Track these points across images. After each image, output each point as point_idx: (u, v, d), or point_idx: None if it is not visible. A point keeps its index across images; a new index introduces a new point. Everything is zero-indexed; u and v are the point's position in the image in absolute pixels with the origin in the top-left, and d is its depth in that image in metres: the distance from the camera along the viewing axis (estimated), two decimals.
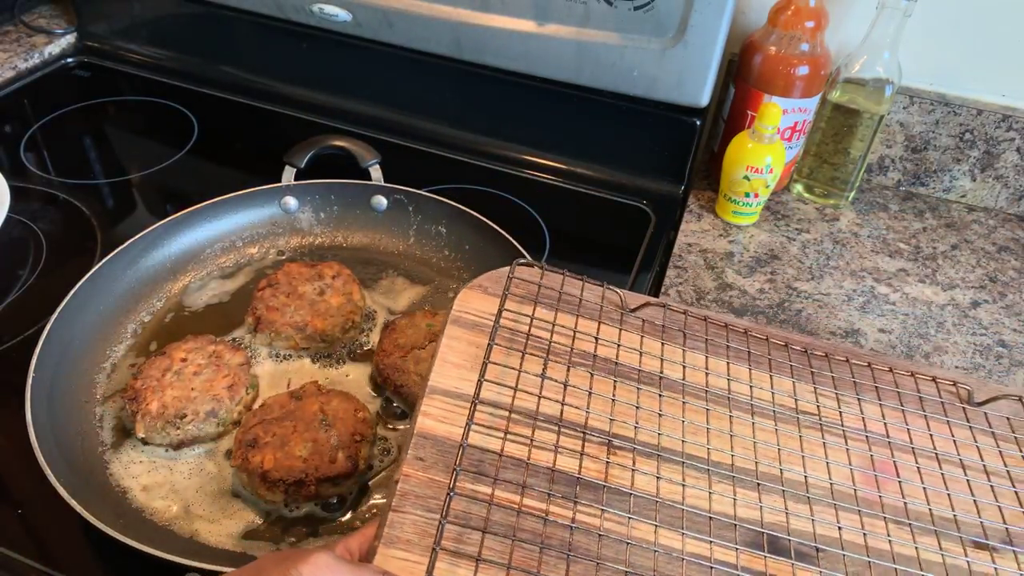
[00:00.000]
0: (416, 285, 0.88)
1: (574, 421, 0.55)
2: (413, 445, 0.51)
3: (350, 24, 1.08)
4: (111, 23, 1.26)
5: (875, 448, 0.59)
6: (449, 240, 0.90)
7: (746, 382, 0.62)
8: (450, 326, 0.59)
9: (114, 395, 0.73)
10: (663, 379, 0.61)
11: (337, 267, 0.84)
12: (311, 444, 0.65)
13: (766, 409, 0.60)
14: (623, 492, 0.51)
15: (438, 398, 0.54)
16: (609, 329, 0.64)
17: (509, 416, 0.53)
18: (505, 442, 0.52)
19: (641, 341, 0.63)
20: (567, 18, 0.96)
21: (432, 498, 0.48)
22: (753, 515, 0.53)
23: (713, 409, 0.59)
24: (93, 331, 0.76)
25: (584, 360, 0.60)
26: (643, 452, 0.55)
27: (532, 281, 0.65)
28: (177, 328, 0.80)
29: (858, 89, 0.94)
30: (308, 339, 0.78)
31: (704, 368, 0.62)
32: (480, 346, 0.58)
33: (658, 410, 0.58)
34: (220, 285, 0.86)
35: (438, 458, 0.50)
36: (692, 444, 0.56)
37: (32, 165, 1.04)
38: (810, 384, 0.63)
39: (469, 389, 0.54)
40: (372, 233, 0.93)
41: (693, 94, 0.96)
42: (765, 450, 0.57)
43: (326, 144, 0.92)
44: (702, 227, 0.98)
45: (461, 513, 0.48)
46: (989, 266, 0.96)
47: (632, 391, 0.59)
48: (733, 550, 0.50)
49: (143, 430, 0.68)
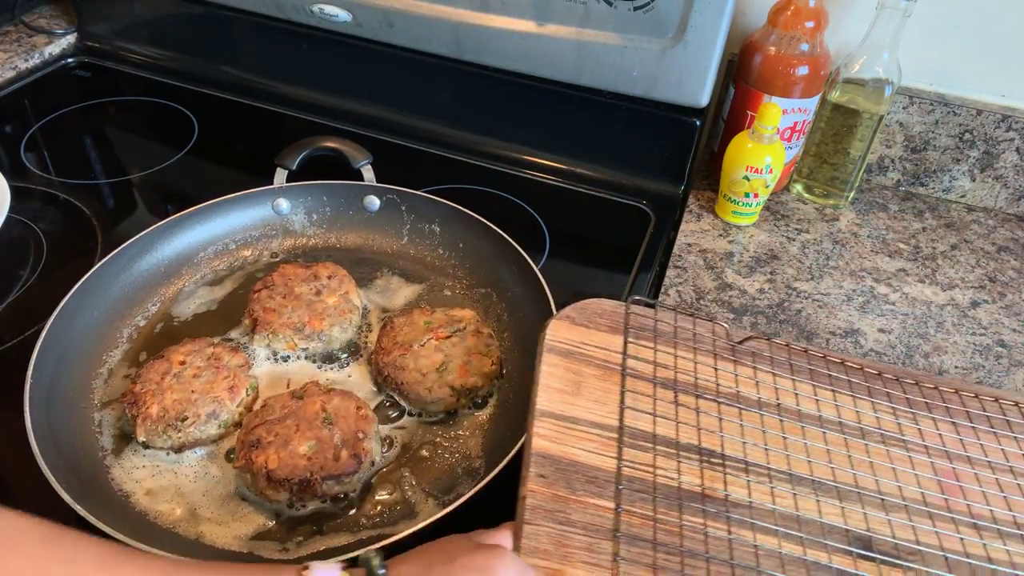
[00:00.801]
0: (411, 284, 0.88)
1: (695, 443, 0.61)
2: (534, 464, 0.56)
3: (350, 24, 1.08)
4: (111, 23, 1.26)
5: (955, 463, 0.64)
6: (443, 238, 0.90)
7: (851, 407, 0.67)
8: (546, 354, 0.64)
9: (112, 401, 0.73)
10: (780, 405, 0.66)
11: (332, 267, 0.84)
12: (314, 442, 0.65)
13: (854, 429, 0.65)
14: (742, 507, 0.57)
15: (547, 420, 0.59)
16: (724, 363, 0.69)
17: (655, 443, 0.60)
18: (656, 471, 0.58)
19: (755, 372, 0.69)
20: (567, 18, 0.96)
21: (559, 511, 0.53)
22: (859, 524, 0.58)
23: (814, 429, 0.64)
24: (88, 337, 0.76)
25: (702, 391, 0.66)
26: (755, 472, 0.59)
27: (619, 312, 0.70)
28: (167, 338, 0.80)
29: (858, 89, 0.94)
30: (306, 339, 0.78)
31: (814, 396, 0.67)
32: (577, 372, 0.63)
33: (761, 428, 0.63)
34: (208, 292, 0.85)
35: (558, 475, 0.55)
36: (819, 465, 0.61)
37: (32, 165, 1.04)
38: (907, 409, 0.68)
39: (573, 411, 0.60)
40: (365, 233, 0.93)
41: (693, 94, 0.96)
42: (870, 467, 0.62)
43: (317, 145, 0.92)
44: (702, 227, 0.99)
45: (605, 527, 0.53)
46: (988, 266, 0.96)
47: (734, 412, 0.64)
48: (851, 557, 0.55)
49: (144, 434, 0.68)
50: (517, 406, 0.72)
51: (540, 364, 0.63)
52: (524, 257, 0.81)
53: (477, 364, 0.74)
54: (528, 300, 0.79)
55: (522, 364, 0.77)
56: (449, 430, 0.72)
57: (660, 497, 0.56)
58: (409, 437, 0.72)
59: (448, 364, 0.74)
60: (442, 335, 0.76)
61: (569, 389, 0.62)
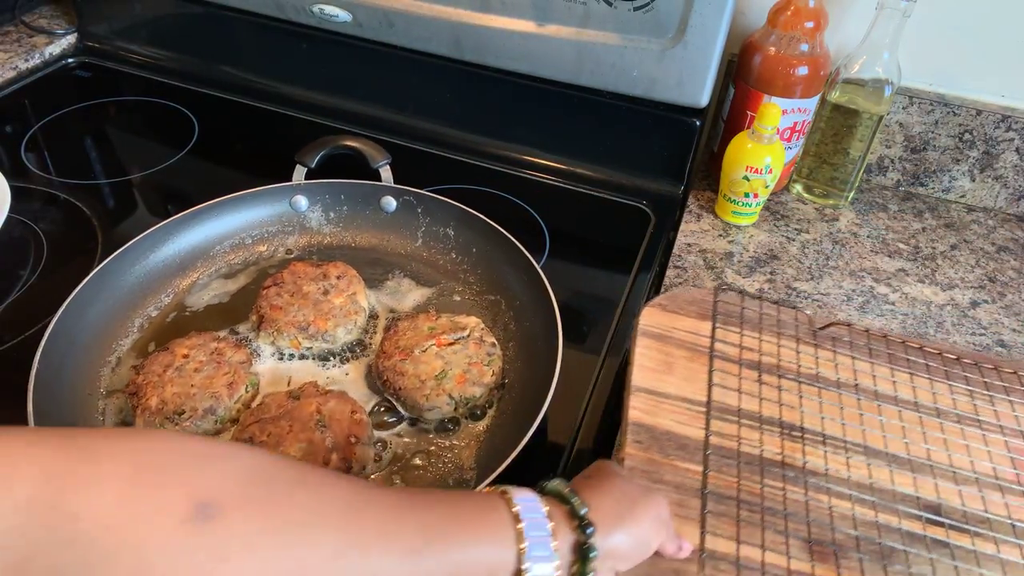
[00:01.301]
0: (422, 287, 0.88)
1: (776, 417, 0.67)
2: (630, 432, 0.64)
3: (350, 24, 1.08)
4: (112, 23, 1.26)
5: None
6: (457, 243, 0.90)
7: (928, 389, 0.72)
8: (640, 338, 0.72)
9: (117, 390, 0.73)
10: (857, 386, 0.71)
11: (342, 267, 0.84)
12: (306, 445, 0.65)
13: (930, 409, 0.70)
14: (815, 475, 0.63)
15: (641, 395, 0.67)
16: (805, 346, 0.75)
17: (739, 416, 0.67)
18: (740, 440, 0.65)
19: (834, 355, 0.74)
20: (567, 19, 0.96)
21: (653, 472, 0.61)
22: (930, 494, 0.63)
23: (890, 408, 0.70)
24: (100, 324, 0.77)
25: (784, 371, 0.72)
26: (835, 447, 0.65)
27: (707, 299, 0.78)
28: (177, 328, 0.80)
29: (857, 89, 0.94)
30: (310, 339, 0.78)
31: (891, 378, 0.72)
32: (667, 353, 0.71)
33: (839, 406, 0.69)
34: (222, 285, 0.86)
35: (652, 442, 0.63)
36: (893, 440, 0.67)
37: (33, 165, 1.04)
38: (984, 392, 0.72)
39: (664, 387, 0.68)
40: (380, 234, 0.93)
41: (693, 94, 0.96)
42: (943, 443, 0.67)
43: (337, 144, 0.92)
44: (702, 227, 0.99)
45: (693, 487, 0.61)
46: (988, 266, 0.96)
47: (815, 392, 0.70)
48: (919, 520, 0.61)
49: (142, 425, 0.68)
50: (516, 418, 0.71)
51: (635, 346, 0.71)
52: (534, 265, 0.80)
53: (477, 374, 0.73)
54: (534, 310, 0.79)
55: (525, 375, 0.76)
56: (444, 439, 0.71)
57: (743, 463, 0.63)
58: (404, 444, 0.71)
59: (447, 372, 0.73)
60: (444, 342, 0.75)
61: (661, 368, 0.70)
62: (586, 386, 0.77)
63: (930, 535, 0.59)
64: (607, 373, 0.79)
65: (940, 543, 0.59)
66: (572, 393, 0.76)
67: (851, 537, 0.59)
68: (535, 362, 0.75)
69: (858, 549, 0.58)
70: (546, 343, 0.74)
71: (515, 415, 0.72)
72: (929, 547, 0.59)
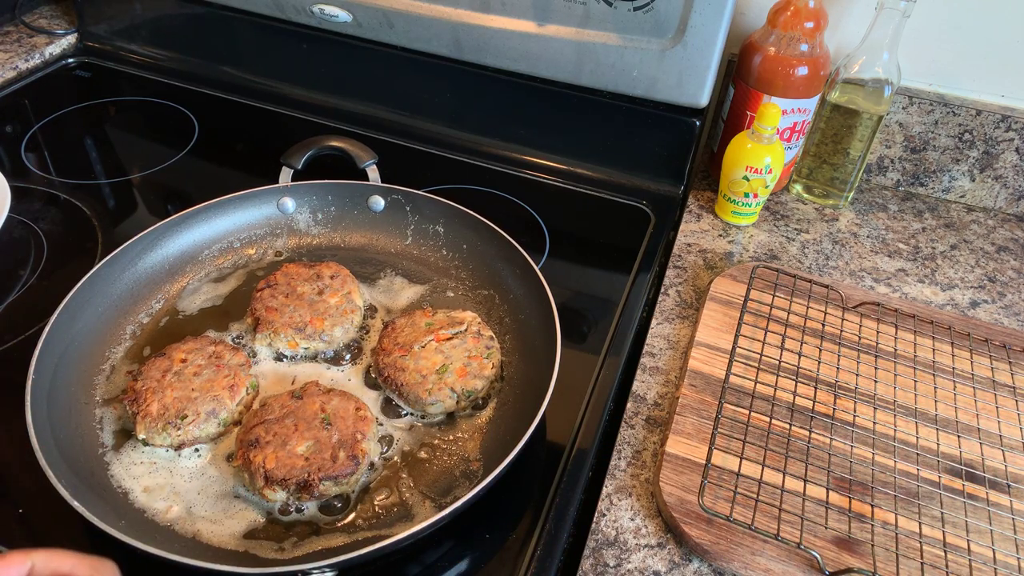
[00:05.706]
0: (415, 284, 0.88)
1: (809, 372, 0.78)
2: (688, 377, 0.76)
3: (350, 24, 1.08)
4: (112, 23, 1.26)
5: None
6: (447, 239, 0.90)
7: (948, 353, 0.81)
8: (709, 302, 0.84)
9: (114, 397, 0.73)
10: (879, 348, 0.81)
11: (335, 267, 0.84)
12: (313, 443, 0.66)
13: (964, 375, 0.79)
14: (847, 425, 0.73)
15: (702, 348, 0.79)
16: (849, 320, 0.84)
17: (759, 362, 0.78)
18: (756, 383, 0.76)
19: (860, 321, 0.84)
20: (567, 19, 0.96)
21: (703, 410, 0.73)
22: (954, 452, 0.72)
23: (920, 370, 0.79)
24: (92, 333, 0.76)
25: (828, 335, 0.82)
26: (863, 399, 0.75)
27: (768, 280, 0.88)
28: (171, 332, 0.80)
29: (857, 89, 0.94)
30: (307, 339, 0.78)
31: (912, 342, 0.82)
32: (731, 316, 0.83)
33: (875, 367, 0.79)
34: (213, 288, 0.86)
35: (705, 386, 0.75)
36: (905, 394, 0.77)
37: (33, 165, 1.04)
38: (1005, 363, 0.81)
39: (723, 344, 0.80)
40: (370, 233, 0.93)
41: (693, 94, 0.97)
42: (965, 404, 0.76)
43: (323, 145, 0.92)
44: (701, 227, 0.99)
45: (727, 422, 0.72)
46: (988, 266, 0.96)
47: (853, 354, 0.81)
48: (936, 473, 0.69)
49: (144, 431, 0.68)
50: (516, 409, 0.73)
51: (703, 309, 0.83)
52: (527, 259, 0.81)
53: (477, 367, 0.74)
54: (530, 302, 0.80)
55: (523, 367, 0.77)
56: (448, 432, 0.72)
57: (777, 407, 0.74)
58: (408, 439, 0.71)
59: (448, 366, 0.73)
60: (443, 337, 0.76)
61: (723, 328, 0.81)
62: (586, 386, 0.77)
63: (966, 489, 0.68)
64: (607, 373, 0.79)
65: (971, 497, 0.68)
66: (572, 393, 0.76)
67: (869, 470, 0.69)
68: (533, 353, 0.76)
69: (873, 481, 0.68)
70: (543, 334, 0.74)
71: (516, 406, 0.73)
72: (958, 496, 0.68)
